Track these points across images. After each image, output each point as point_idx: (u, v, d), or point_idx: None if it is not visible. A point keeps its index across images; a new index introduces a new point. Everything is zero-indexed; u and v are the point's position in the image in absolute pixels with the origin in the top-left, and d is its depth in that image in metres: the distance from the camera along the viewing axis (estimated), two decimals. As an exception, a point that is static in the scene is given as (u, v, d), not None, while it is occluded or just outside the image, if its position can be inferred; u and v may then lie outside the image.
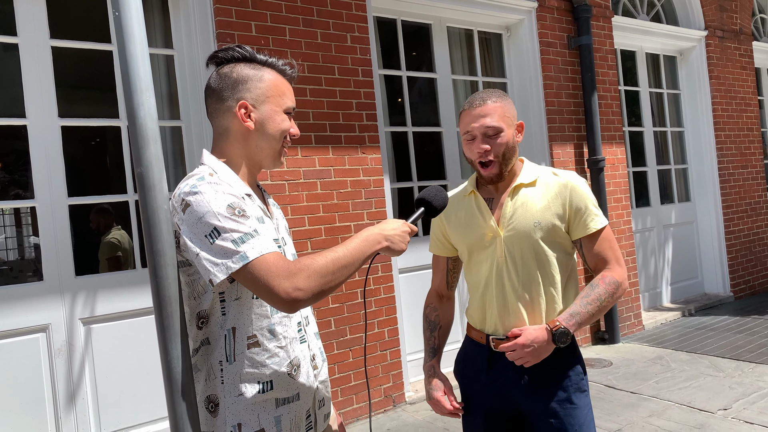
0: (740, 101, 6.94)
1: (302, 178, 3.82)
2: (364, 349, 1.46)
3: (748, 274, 6.88)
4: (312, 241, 3.84)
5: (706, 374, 4.32)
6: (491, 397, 1.82)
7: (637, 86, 6.46)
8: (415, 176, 4.71)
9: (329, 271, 1.32)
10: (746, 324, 5.58)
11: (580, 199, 1.79)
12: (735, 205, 6.77)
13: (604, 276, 1.78)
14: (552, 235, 1.78)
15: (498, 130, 1.76)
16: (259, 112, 1.47)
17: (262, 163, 1.52)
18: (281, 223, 1.59)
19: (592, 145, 5.32)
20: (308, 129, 3.86)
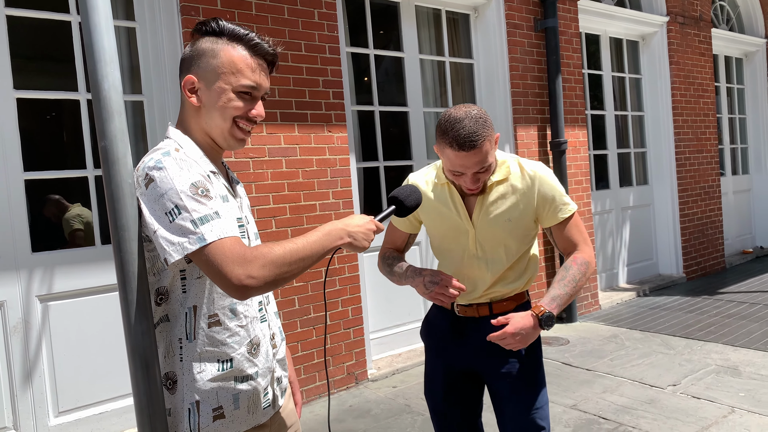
0: (698, 87, 7.13)
1: (267, 155, 3.80)
2: (324, 340, 1.48)
3: (700, 256, 7.13)
4: (276, 219, 3.83)
5: (658, 352, 4.49)
6: (452, 357, 1.99)
7: (600, 70, 6.57)
8: (381, 156, 4.72)
9: (285, 261, 1.31)
10: (697, 304, 5.81)
11: (548, 190, 1.88)
12: (690, 189, 6.99)
13: (575, 257, 1.88)
14: (522, 228, 1.90)
15: (488, 168, 1.80)
16: (206, 89, 1.42)
17: (217, 140, 1.47)
18: (245, 201, 1.58)
19: (555, 127, 5.41)
20: (274, 106, 3.82)
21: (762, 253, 8.23)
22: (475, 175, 1.79)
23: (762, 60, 8.39)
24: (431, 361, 2.07)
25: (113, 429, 3.45)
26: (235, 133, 1.44)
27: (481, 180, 1.81)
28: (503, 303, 1.95)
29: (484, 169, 1.79)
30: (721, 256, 7.45)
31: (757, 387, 3.70)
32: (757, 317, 5.18)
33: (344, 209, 4.15)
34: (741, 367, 4.06)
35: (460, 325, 1.99)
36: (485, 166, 1.77)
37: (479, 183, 1.81)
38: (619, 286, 6.64)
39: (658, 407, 3.50)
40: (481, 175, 1.80)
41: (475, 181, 1.80)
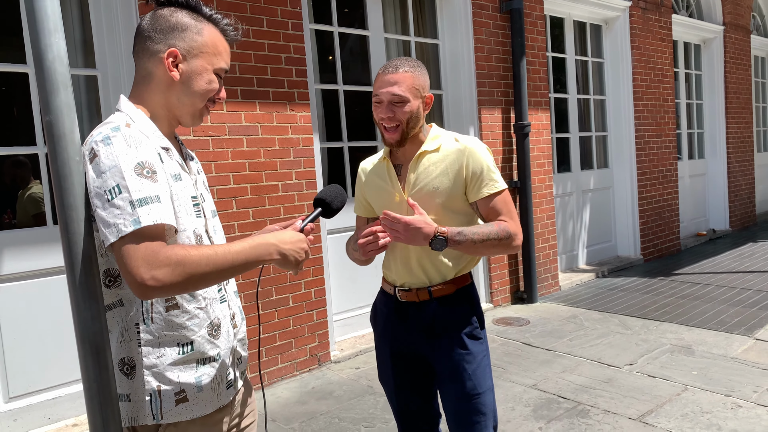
0: (658, 72, 7.24)
1: (227, 134, 3.70)
2: (259, 354, 1.45)
3: (657, 238, 7.30)
4: (237, 200, 3.75)
5: (616, 332, 4.59)
6: (397, 341, 2.01)
7: (563, 53, 6.60)
8: (345, 136, 4.66)
9: (200, 270, 1.26)
10: (653, 285, 5.95)
11: (476, 163, 1.88)
12: (648, 173, 7.13)
13: (500, 222, 1.87)
14: (451, 199, 1.90)
15: (404, 100, 1.84)
16: (188, 65, 1.40)
17: (181, 118, 1.46)
18: (200, 178, 1.55)
19: (518, 110, 5.42)
20: (234, 83, 3.72)
21: (715, 235, 8.47)
22: (390, 106, 1.84)
23: (719, 47, 8.56)
24: (379, 346, 2.09)
25: (67, 414, 3.35)
26: (203, 113, 1.45)
27: (395, 116, 1.84)
28: (441, 286, 1.94)
29: (400, 101, 1.83)
30: (677, 239, 7.64)
31: (708, 365, 3.81)
32: (709, 298, 5.33)
33: (307, 190, 4.09)
34: (694, 346, 4.18)
35: (403, 310, 1.99)
36: (400, 97, 1.83)
37: (393, 118, 1.84)
38: (579, 267, 6.75)
39: (616, 386, 3.58)
40: (396, 109, 1.84)
41: (388, 111, 1.84)
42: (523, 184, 5.45)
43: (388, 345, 2.05)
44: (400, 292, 1.99)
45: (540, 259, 5.75)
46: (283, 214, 3.96)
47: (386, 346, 2.05)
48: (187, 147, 1.65)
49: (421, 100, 1.89)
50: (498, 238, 1.84)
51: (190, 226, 1.38)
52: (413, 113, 1.87)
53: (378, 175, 2.03)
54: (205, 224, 1.46)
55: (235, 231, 3.72)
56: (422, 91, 1.89)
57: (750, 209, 9.32)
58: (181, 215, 1.36)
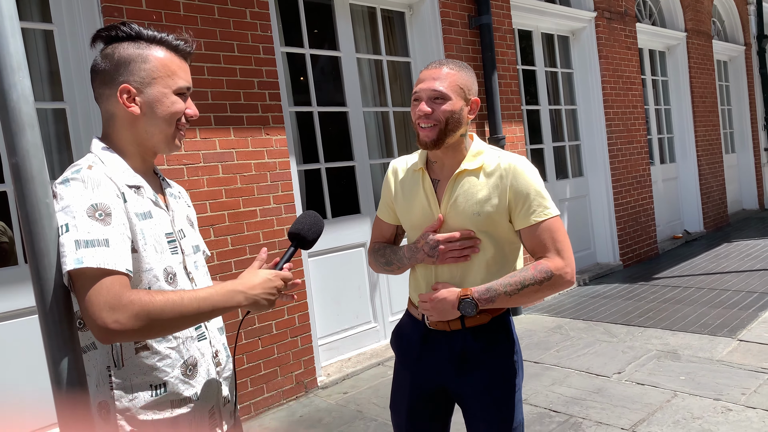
0: (626, 80, 7.35)
1: (202, 161, 3.64)
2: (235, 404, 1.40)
3: (635, 243, 7.37)
4: (215, 227, 3.68)
5: (602, 340, 4.59)
6: (421, 373, 1.84)
7: (533, 66, 6.67)
8: (322, 157, 4.62)
9: (164, 315, 1.23)
10: (635, 290, 5.98)
11: (522, 185, 1.71)
12: (623, 179, 7.21)
13: (538, 263, 1.70)
14: (491, 225, 1.74)
15: (445, 96, 1.70)
16: (145, 96, 1.37)
17: (155, 148, 1.43)
18: (181, 213, 1.51)
19: (493, 123, 5.45)
20: (207, 110, 3.67)
21: (690, 237, 8.58)
22: (430, 102, 1.70)
23: (683, 53, 8.74)
24: (398, 372, 1.93)
25: (47, 459, 3.22)
26: (178, 135, 1.42)
27: (434, 113, 1.69)
28: (477, 315, 1.75)
29: (440, 98, 1.69)
30: (654, 243, 7.72)
31: (696, 370, 3.82)
32: (690, 300, 5.37)
33: (286, 213, 4.03)
34: (680, 350, 4.19)
35: (431, 338, 1.82)
36: (441, 93, 1.69)
37: (431, 115, 1.69)
38: (560, 276, 6.75)
39: (606, 396, 3.56)
40: (436, 106, 1.70)
41: (426, 107, 1.69)
42: (501, 196, 5.45)
43: (409, 373, 1.88)
44: (430, 318, 1.81)
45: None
46: (263, 239, 3.90)
47: (407, 375, 1.88)
48: (171, 180, 1.61)
49: (465, 102, 1.73)
50: (537, 281, 1.66)
51: (159, 264, 1.35)
52: (454, 113, 1.70)
53: (411, 185, 1.85)
54: (183, 261, 1.42)
55: (213, 260, 3.65)
56: (467, 93, 1.74)
57: (722, 210, 9.48)
58: (149, 253, 1.33)
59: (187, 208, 1.57)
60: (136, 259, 1.31)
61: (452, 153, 1.79)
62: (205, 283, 1.51)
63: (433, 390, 1.85)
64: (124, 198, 1.30)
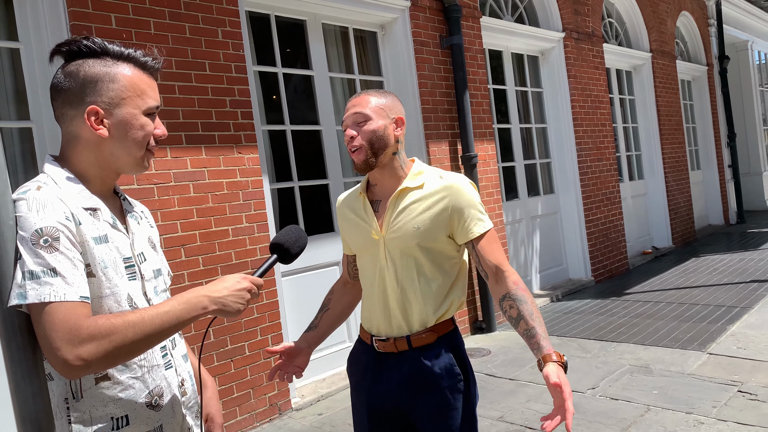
0: (594, 99, 7.50)
1: (173, 180, 3.59)
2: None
3: (606, 259, 7.46)
4: (186, 248, 3.63)
5: (576, 356, 4.61)
6: (375, 396, 1.87)
7: (504, 85, 6.76)
8: (295, 176, 4.60)
9: (127, 339, 1.17)
10: (606, 306, 6.04)
11: (463, 202, 1.78)
12: (593, 196, 7.32)
13: (517, 283, 1.75)
14: (431, 240, 1.79)
15: (366, 118, 1.77)
16: (114, 118, 1.30)
17: (120, 170, 1.36)
18: (142, 235, 1.43)
19: (465, 142, 5.49)
20: (178, 128, 3.63)
21: (659, 253, 8.73)
22: (353, 126, 1.78)
23: (648, 72, 8.97)
24: (355, 400, 1.96)
25: (10, 490, 3.10)
26: (148, 157, 1.36)
27: (358, 135, 1.77)
28: (422, 335, 1.80)
29: (362, 120, 1.77)
30: (625, 258, 7.83)
31: (667, 384, 3.86)
32: (661, 315, 5.45)
33: (259, 233, 3.99)
34: (652, 365, 4.23)
35: (381, 362, 1.86)
36: (362, 115, 1.77)
37: (356, 137, 1.77)
38: (534, 292, 6.80)
39: (581, 412, 3.57)
40: (358, 128, 1.77)
41: (351, 129, 1.78)
42: (475, 214, 5.48)
43: (364, 399, 1.89)
44: (377, 341, 1.86)
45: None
46: (235, 259, 3.84)
47: (363, 401, 1.90)
48: (134, 200, 1.54)
49: (389, 120, 1.80)
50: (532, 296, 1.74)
51: (118, 290, 1.28)
52: (377, 132, 1.76)
53: (353, 210, 1.93)
54: (142, 287, 1.36)
55: (185, 280, 3.58)
56: (389, 112, 1.80)
57: (689, 226, 9.67)
58: (108, 278, 1.27)
59: (150, 229, 1.49)
60: (94, 284, 1.24)
61: (389, 172, 1.85)
62: None
63: (389, 413, 1.87)
64: (77, 221, 1.23)
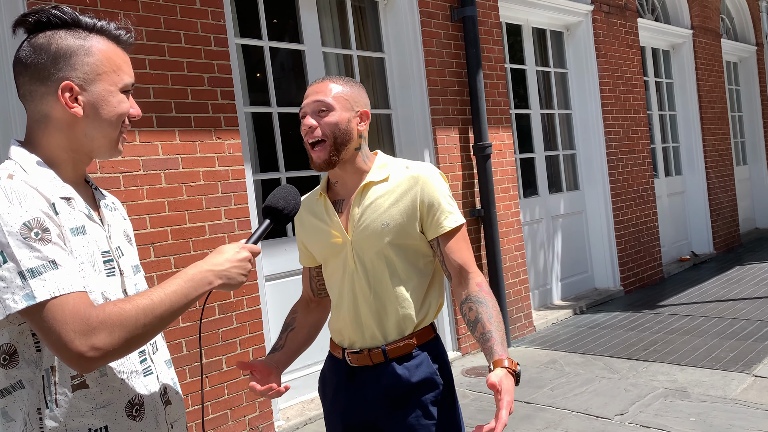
0: (627, 81, 7.50)
1: (141, 169, 3.59)
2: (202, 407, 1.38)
3: (637, 266, 7.47)
4: (156, 246, 3.62)
5: (601, 377, 4.62)
6: (350, 415, 1.92)
7: (523, 64, 6.76)
8: (282, 165, 4.60)
9: (140, 323, 1.24)
10: (638, 320, 6.05)
11: (431, 194, 1.85)
12: (623, 193, 7.32)
13: (480, 285, 1.83)
14: (403, 237, 1.86)
15: (329, 107, 1.82)
16: (90, 95, 1.35)
17: (94, 153, 1.41)
18: (117, 228, 1.48)
19: (477, 129, 5.49)
20: (149, 109, 3.62)
21: (698, 260, 8.74)
22: (314, 115, 1.82)
23: (689, 52, 8.97)
24: (329, 423, 2.01)
25: None
26: (120, 140, 1.42)
27: (320, 126, 1.82)
28: (399, 344, 1.86)
29: (324, 109, 1.82)
30: (659, 266, 7.85)
31: (707, 410, 3.87)
32: (700, 331, 5.46)
33: (240, 230, 3.99)
34: (689, 388, 4.24)
35: (355, 376, 1.92)
36: (324, 104, 1.81)
37: (316, 128, 1.82)
38: (554, 303, 6.82)
39: (607, 441, 3.58)
40: (320, 119, 1.82)
41: (312, 120, 1.82)
42: (487, 212, 5.49)
43: (340, 420, 1.95)
44: (350, 354, 1.92)
45: (511, 296, 5.78)
46: (212, 260, 3.84)
47: (338, 422, 1.95)
48: (105, 190, 1.58)
49: (353, 113, 1.86)
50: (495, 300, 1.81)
51: (96, 287, 1.32)
52: (341, 125, 1.82)
53: (314, 214, 1.98)
54: (121, 283, 1.40)
55: (153, 284, 3.58)
56: (353, 104, 1.87)
57: (734, 229, 9.69)
58: (86, 274, 1.31)
59: (124, 222, 1.55)
60: None
61: (351, 168, 1.90)
62: None
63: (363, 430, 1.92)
64: (55, 210, 1.27)
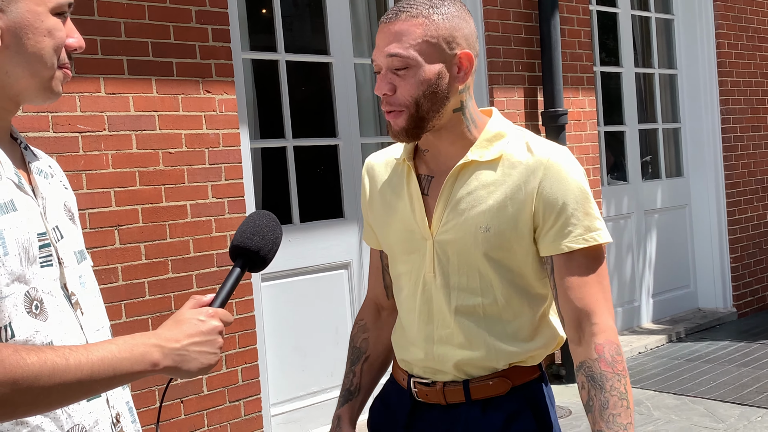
0: (754, 33, 7.37)
1: (107, 128, 3.63)
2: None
3: (757, 281, 7.37)
4: (121, 229, 3.66)
5: (702, 426, 4.58)
6: None
7: (614, 6, 6.68)
8: (289, 131, 4.61)
9: (39, 385, 1.18)
10: (754, 352, 5.97)
11: (558, 189, 1.69)
12: (743, 184, 7.21)
13: (600, 350, 1.67)
14: (507, 249, 1.72)
15: (408, 64, 1.66)
16: (9, 17, 1.31)
17: (20, 98, 1.38)
18: (55, 201, 1.46)
19: (549, 91, 5.45)
20: (118, 50, 3.66)
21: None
22: (390, 75, 1.67)
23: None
24: None
25: None
26: (58, 79, 1.38)
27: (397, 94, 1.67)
28: (489, 382, 1.76)
29: (403, 67, 1.65)
30: (786, 282, 7.73)
31: (843, 476, 3.81)
32: (838, 371, 5.38)
33: (231, 213, 4.01)
34: (819, 446, 4.18)
35: (420, 415, 1.85)
36: (401, 59, 1.64)
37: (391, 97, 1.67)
38: (643, 326, 6.76)
39: None
40: (398, 80, 1.67)
41: (384, 85, 1.67)
42: (559, 202, 5.45)
43: None
44: (418, 386, 1.83)
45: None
46: (194, 251, 3.87)
47: None
48: (38, 149, 1.56)
49: (449, 60, 1.69)
50: (624, 378, 1.66)
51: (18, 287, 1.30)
52: (429, 86, 1.66)
53: (392, 185, 1.87)
54: (60, 276, 1.39)
55: (118, 279, 3.62)
56: (448, 44, 1.68)
57: None
58: (12, 268, 1.28)
59: (65, 192, 1.52)
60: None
61: (450, 136, 1.76)
62: (97, 310, 1.48)
63: None
64: None
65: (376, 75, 1.72)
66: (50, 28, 1.34)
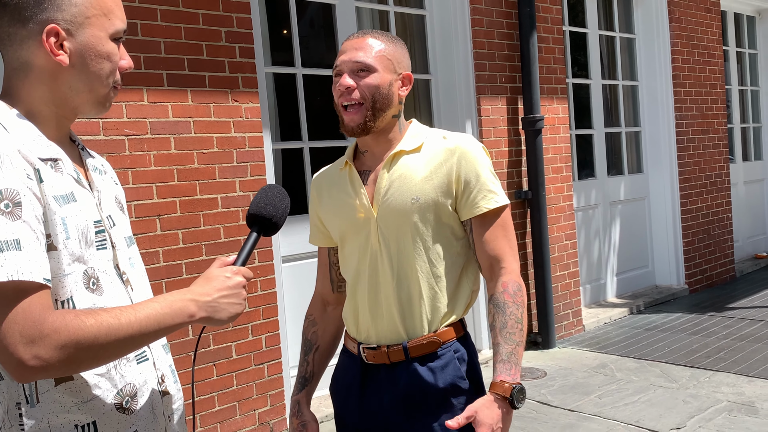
0: (703, 51, 7.34)
1: (149, 132, 3.63)
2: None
3: (706, 262, 7.35)
4: (162, 219, 3.67)
5: (657, 385, 4.58)
6: (364, 419, 1.92)
7: (584, 27, 6.65)
8: (305, 134, 4.61)
9: (98, 343, 1.21)
10: (702, 323, 5.97)
11: (470, 167, 1.84)
12: (693, 179, 7.20)
13: (505, 285, 1.84)
14: (435, 214, 1.85)
15: (369, 68, 1.82)
16: (77, 41, 1.32)
17: (80, 109, 1.39)
18: (108, 193, 1.47)
19: (528, 100, 5.43)
20: (158, 65, 3.65)
21: (777, 257, 8.58)
22: (353, 75, 1.82)
23: (778, 19, 8.73)
24: (339, 425, 2.03)
25: None
26: (110, 95, 1.40)
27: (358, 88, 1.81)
28: (423, 342, 1.85)
29: (364, 70, 1.81)
30: (731, 263, 7.72)
31: (777, 428, 3.81)
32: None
33: (255, 205, 4.01)
34: (758, 403, 4.17)
35: (371, 376, 1.91)
36: (365, 65, 1.81)
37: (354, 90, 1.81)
38: (608, 300, 6.76)
39: (659, 458, 3.55)
40: (359, 80, 1.81)
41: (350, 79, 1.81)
42: (536, 194, 5.44)
43: (351, 425, 1.96)
44: (366, 350, 1.91)
45: (558, 291, 5.74)
46: (224, 237, 3.88)
47: (349, 427, 1.97)
48: (93, 150, 1.57)
49: (395, 76, 1.86)
50: (522, 308, 1.82)
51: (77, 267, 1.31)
52: (381, 89, 1.82)
53: (336, 185, 1.98)
54: (113, 257, 1.40)
55: (159, 260, 3.63)
56: (396, 66, 1.86)
57: (820, 224, 9.47)
58: (73, 251, 1.29)
59: (115, 187, 1.54)
60: (55, 259, 1.26)
61: (384, 139, 1.91)
62: (144, 286, 1.49)
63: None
64: (39, 177, 1.25)
65: (336, 78, 1.86)
66: (109, 53, 1.36)
